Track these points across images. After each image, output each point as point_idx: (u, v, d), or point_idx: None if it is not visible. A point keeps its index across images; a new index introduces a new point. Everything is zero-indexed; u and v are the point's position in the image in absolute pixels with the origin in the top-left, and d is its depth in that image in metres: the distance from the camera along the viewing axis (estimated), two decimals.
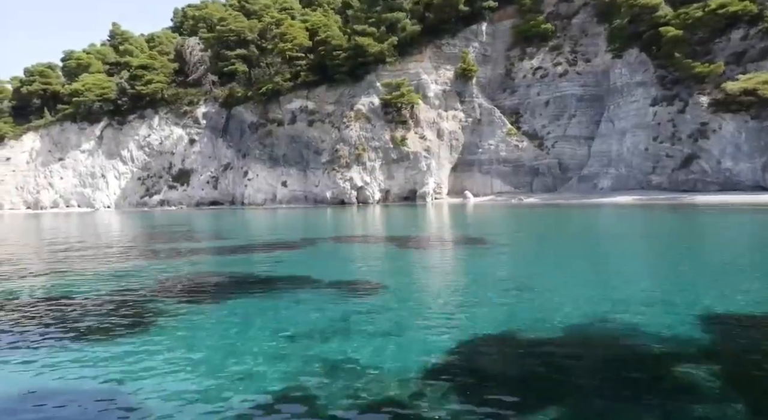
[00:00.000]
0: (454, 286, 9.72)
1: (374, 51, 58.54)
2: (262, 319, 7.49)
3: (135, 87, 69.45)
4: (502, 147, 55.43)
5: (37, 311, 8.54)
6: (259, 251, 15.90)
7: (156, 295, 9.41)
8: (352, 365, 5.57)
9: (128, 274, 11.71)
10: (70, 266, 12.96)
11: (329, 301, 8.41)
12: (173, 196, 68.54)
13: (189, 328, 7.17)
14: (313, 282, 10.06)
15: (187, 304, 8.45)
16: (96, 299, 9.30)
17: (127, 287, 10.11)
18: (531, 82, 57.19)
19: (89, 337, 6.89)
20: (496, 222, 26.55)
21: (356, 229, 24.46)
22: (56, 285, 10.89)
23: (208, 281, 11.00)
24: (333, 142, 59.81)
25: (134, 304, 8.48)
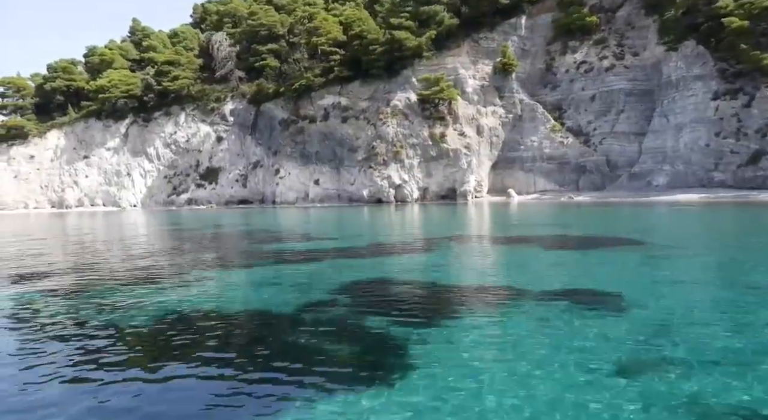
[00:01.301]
0: (715, 299, 8.15)
1: (412, 45, 56.96)
2: (551, 350, 5.82)
3: (161, 83, 68.00)
4: (546, 144, 53.77)
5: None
6: (398, 253, 14.28)
7: (397, 317, 7.52)
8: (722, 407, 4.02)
9: (350, 295, 9.63)
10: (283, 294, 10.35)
11: (582, 317, 6.85)
12: (201, 195, 67.06)
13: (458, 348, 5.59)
14: (538, 294, 8.49)
15: (438, 329, 6.86)
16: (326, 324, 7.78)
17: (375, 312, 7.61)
18: (574, 76, 55.48)
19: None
20: (590, 220, 24.93)
21: (452, 228, 22.85)
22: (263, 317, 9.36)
23: (418, 293, 9.44)
24: (369, 139, 58.22)
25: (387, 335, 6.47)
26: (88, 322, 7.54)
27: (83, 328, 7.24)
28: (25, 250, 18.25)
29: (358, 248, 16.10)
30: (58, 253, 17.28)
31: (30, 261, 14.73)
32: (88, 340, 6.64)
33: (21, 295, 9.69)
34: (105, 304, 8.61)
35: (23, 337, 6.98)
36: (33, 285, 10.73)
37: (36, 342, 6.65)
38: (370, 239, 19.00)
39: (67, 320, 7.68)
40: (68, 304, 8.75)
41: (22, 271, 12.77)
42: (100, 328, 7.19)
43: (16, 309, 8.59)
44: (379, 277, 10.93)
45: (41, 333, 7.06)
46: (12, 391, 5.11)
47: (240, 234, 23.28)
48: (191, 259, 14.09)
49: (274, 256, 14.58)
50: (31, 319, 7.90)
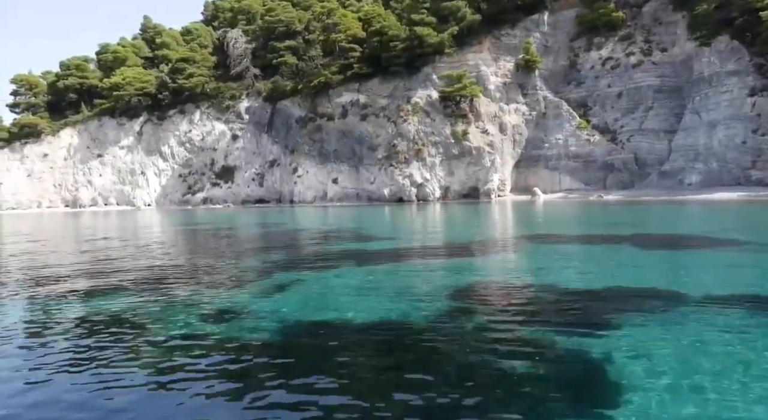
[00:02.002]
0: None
1: (433, 41, 55.99)
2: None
3: (176, 80, 67.14)
4: (572, 141, 52.75)
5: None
6: (482, 254, 13.33)
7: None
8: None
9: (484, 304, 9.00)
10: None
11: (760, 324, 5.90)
12: (217, 194, 66.19)
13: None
14: (686, 298, 7.52)
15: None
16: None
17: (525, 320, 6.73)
18: (600, 73, 54.45)
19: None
20: (651, 219, 23.89)
21: (513, 227, 21.86)
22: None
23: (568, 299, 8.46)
24: (389, 137, 57.25)
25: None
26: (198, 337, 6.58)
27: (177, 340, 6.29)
28: (46, 251, 17.34)
29: (432, 248, 15.14)
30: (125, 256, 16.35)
31: (59, 263, 13.81)
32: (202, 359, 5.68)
33: (56, 301, 8.75)
34: (212, 314, 7.65)
35: (70, 347, 6.03)
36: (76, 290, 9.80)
37: (93, 350, 5.70)
38: (434, 238, 18.02)
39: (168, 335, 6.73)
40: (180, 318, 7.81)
41: (51, 275, 11.84)
42: (201, 342, 6.24)
43: (63, 323, 7.64)
44: (489, 279, 9.96)
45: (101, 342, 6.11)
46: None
47: (292, 234, 22.13)
48: (262, 261, 13.12)
49: (350, 256, 13.62)
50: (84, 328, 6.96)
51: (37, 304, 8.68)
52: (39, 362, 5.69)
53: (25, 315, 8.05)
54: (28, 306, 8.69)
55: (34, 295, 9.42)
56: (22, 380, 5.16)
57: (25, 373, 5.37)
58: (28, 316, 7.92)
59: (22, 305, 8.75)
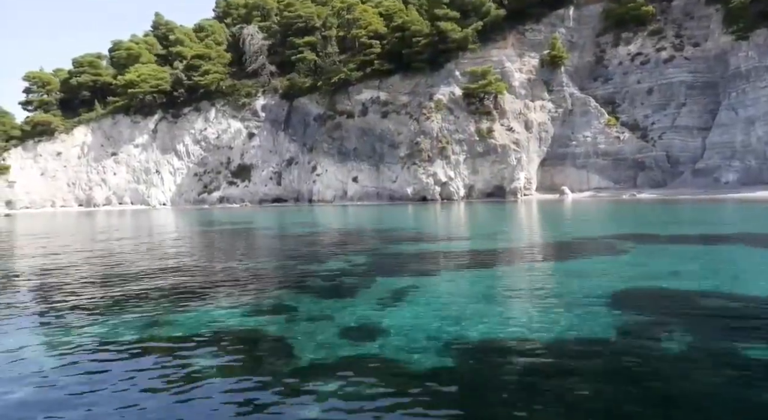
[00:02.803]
0: None
1: (457, 37, 54.76)
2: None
3: (192, 78, 65.99)
4: (601, 139, 51.49)
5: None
6: (590, 256, 12.18)
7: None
8: None
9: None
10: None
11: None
12: (234, 193, 65.06)
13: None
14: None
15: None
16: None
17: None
18: (628, 69, 53.16)
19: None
20: (712, 218, 22.68)
21: (578, 227, 20.65)
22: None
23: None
24: (412, 135, 56.05)
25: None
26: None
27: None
28: (67, 253, 16.18)
29: (519, 248, 13.94)
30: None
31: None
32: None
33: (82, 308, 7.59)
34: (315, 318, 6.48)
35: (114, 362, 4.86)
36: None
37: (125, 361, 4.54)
38: (509, 238, 16.78)
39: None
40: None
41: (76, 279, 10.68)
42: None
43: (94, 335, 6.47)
44: (631, 283, 8.75)
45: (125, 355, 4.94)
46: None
47: (351, 234, 20.60)
48: (350, 264, 11.92)
49: (441, 259, 12.45)
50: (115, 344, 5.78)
51: (57, 316, 7.50)
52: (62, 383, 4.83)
53: (39, 331, 6.84)
54: (44, 319, 7.49)
55: (48, 306, 8.24)
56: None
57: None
58: (43, 333, 6.69)
59: (34, 319, 7.55)
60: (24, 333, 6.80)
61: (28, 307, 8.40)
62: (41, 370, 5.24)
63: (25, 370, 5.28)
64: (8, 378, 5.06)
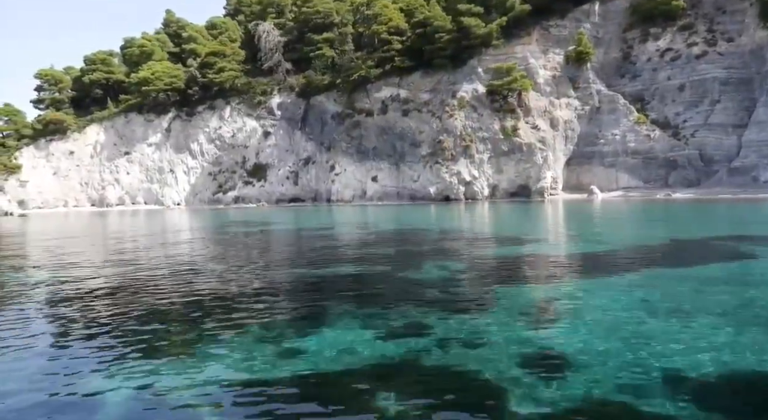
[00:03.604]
0: None
1: (481, 33, 53.41)
2: None
3: (207, 75, 64.73)
4: (630, 137, 50.10)
5: None
6: (688, 259, 10.89)
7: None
8: None
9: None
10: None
11: None
12: (249, 193, 63.77)
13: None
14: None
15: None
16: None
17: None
18: (658, 65, 51.78)
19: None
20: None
21: (648, 228, 19.36)
22: None
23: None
24: (434, 133, 54.72)
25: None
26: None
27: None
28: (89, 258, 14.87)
29: (639, 251, 12.58)
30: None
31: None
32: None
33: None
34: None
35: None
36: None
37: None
38: (612, 240, 15.40)
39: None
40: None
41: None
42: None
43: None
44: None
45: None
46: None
47: (425, 236, 18.88)
48: (473, 272, 10.59)
49: (562, 265, 11.11)
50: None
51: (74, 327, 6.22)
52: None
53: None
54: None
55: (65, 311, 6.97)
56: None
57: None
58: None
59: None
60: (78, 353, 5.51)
61: (75, 320, 7.12)
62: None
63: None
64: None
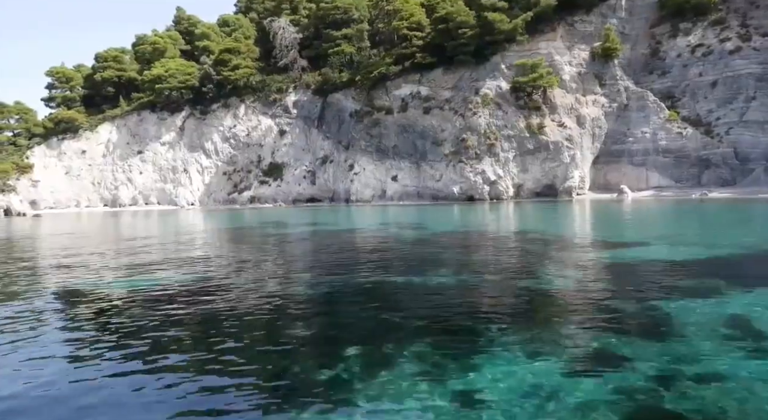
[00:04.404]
0: None
1: (505, 28, 52.06)
2: None
3: (221, 72, 63.42)
4: (661, 135, 48.71)
5: None
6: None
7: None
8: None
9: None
10: None
11: None
12: (265, 193, 62.46)
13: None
14: None
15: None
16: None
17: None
18: (689, 61, 50.37)
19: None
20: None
21: (731, 229, 18.04)
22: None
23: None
24: (457, 131, 53.38)
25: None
26: None
27: None
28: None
29: (740, 258, 11.26)
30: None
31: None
32: None
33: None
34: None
35: None
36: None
37: None
38: (714, 243, 14.11)
39: None
40: None
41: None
42: None
43: None
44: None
45: None
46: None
47: (505, 237, 17.59)
48: (571, 278, 9.28)
49: (666, 274, 9.78)
50: None
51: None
52: None
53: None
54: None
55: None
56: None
57: None
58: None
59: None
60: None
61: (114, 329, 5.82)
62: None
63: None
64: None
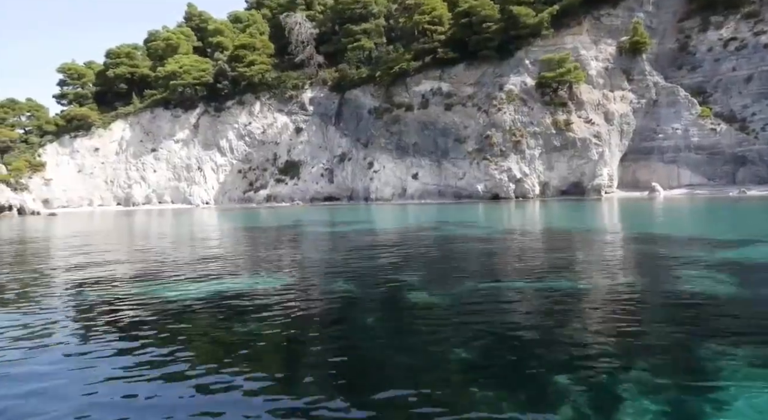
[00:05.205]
0: None
1: (531, 22, 50.74)
2: None
3: (236, 69, 62.17)
4: (694, 131, 47.33)
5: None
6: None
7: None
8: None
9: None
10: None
11: None
12: (282, 191, 61.20)
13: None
14: None
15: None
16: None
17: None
18: (720, 55, 48.99)
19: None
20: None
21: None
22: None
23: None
24: (481, 128, 52.08)
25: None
26: None
27: None
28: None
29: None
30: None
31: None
32: None
33: None
34: None
35: None
36: None
37: None
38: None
39: None
40: None
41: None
42: None
43: None
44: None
45: None
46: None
47: (595, 239, 16.26)
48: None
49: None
50: None
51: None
52: None
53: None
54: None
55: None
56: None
57: None
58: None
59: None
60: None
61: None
62: None
63: None
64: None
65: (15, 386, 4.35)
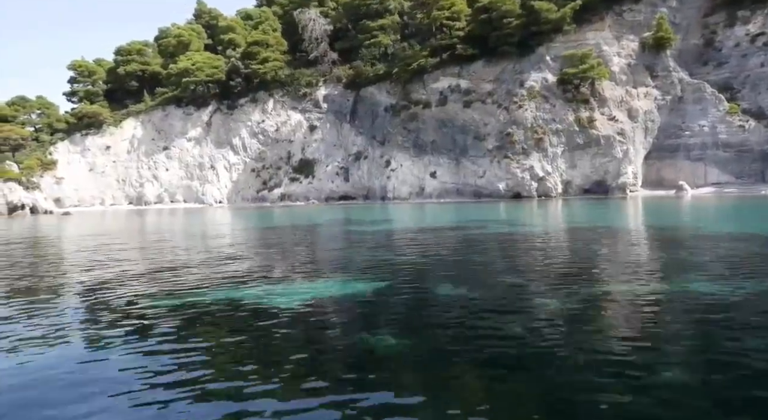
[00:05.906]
0: None
1: (553, 18, 49.72)
2: None
3: (249, 66, 61.22)
4: (721, 129, 46.29)
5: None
6: None
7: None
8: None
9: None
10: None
11: None
12: (297, 190, 60.24)
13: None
14: None
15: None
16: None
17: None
18: (748, 51, 47.92)
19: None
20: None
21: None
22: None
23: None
24: (501, 126, 51.08)
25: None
26: None
27: None
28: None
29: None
30: None
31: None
32: None
33: None
34: None
35: None
36: None
37: None
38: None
39: None
40: None
41: None
42: None
43: None
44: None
45: None
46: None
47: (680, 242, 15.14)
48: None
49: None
50: None
51: None
52: None
53: None
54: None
55: None
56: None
57: None
58: None
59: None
60: None
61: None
62: None
63: None
64: None
65: (23, 388, 4.22)
